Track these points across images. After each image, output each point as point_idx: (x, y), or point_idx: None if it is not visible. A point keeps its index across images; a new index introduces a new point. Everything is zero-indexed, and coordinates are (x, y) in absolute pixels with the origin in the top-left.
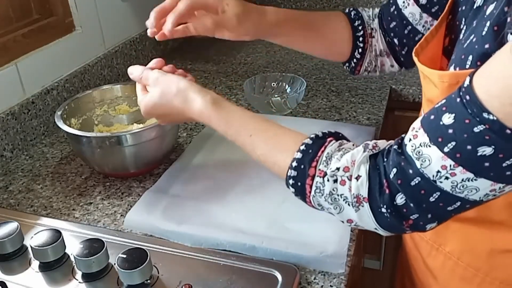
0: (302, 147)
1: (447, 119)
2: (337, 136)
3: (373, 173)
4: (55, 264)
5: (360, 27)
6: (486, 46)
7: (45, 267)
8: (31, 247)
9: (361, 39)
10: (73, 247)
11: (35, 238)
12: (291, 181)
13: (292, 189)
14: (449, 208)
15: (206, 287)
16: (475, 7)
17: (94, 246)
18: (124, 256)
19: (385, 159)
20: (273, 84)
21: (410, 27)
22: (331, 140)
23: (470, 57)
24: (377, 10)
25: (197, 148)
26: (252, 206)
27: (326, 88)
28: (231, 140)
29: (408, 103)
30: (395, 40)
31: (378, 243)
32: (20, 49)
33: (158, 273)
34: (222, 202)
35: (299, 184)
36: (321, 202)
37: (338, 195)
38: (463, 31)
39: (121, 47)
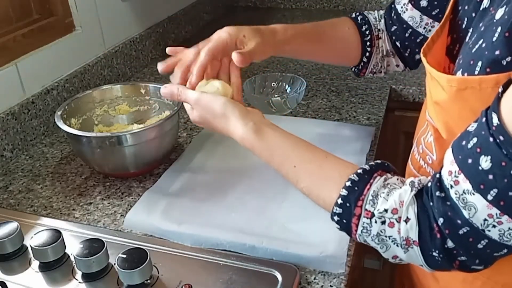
0: (348, 183)
1: (485, 162)
2: (383, 167)
3: (422, 217)
4: (55, 264)
5: (367, 32)
6: (497, 52)
7: (45, 267)
8: (31, 247)
9: (368, 43)
10: (73, 247)
11: (35, 238)
12: (336, 218)
13: (337, 225)
14: (496, 254)
15: (206, 287)
16: (481, 8)
17: (94, 246)
18: (124, 256)
19: (431, 203)
20: (273, 84)
21: (410, 30)
22: (376, 176)
23: (480, 63)
24: (382, 11)
25: (197, 148)
26: (252, 206)
27: (326, 88)
28: (274, 169)
29: (408, 103)
30: (397, 43)
31: None
32: (20, 49)
33: (158, 273)
34: (222, 202)
35: (344, 221)
36: (367, 241)
37: (386, 236)
38: (469, 33)
39: (121, 47)
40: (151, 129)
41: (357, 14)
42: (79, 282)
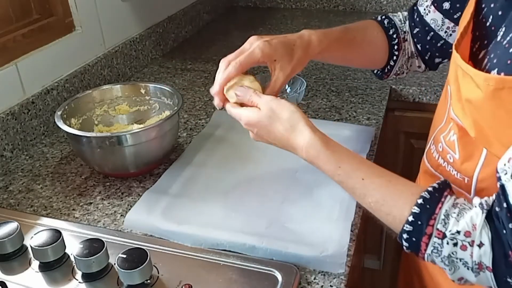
0: (420, 201)
1: None
2: (449, 186)
3: (496, 244)
4: (55, 264)
5: (394, 35)
6: None
7: (45, 267)
8: (31, 247)
9: (396, 47)
10: (73, 247)
11: (35, 238)
12: (405, 235)
13: (405, 244)
14: None
15: (206, 287)
16: None
17: (94, 246)
18: (124, 256)
19: (505, 231)
20: None
21: (432, 33)
22: (446, 196)
23: None
24: (405, 13)
25: (197, 148)
26: (252, 206)
27: (326, 88)
28: (338, 181)
29: (408, 103)
30: (418, 46)
31: (378, 243)
32: (20, 49)
33: (158, 273)
34: (222, 202)
35: (413, 239)
36: (436, 261)
37: (457, 258)
38: (501, 32)
39: (121, 47)
40: (151, 129)
41: (383, 17)
42: (79, 282)
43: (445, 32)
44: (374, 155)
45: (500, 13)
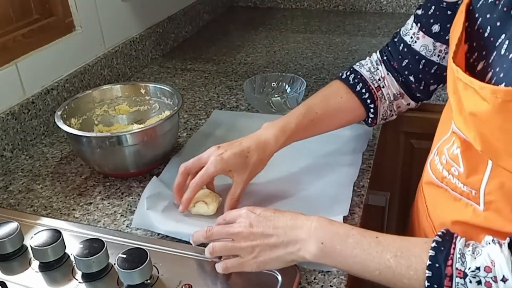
0: (434, 244)
1: None
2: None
3: None
4: (55, 264)
5: (363, 90)
6: None
7: (45, 267)
8: (31, 247)
9: (369, 100)
10: (73, 247)
11: (35, 238)
12: (426, 283)
13: None
14: None
15: (206, 287)
16: None
17: (94, 246)
18: (124, 256)
19: None
20: (273, 84)
21: (424, 60)
22: (457, 236)
23: None
24: (375, 56)
25: (197, 147)
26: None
27: None
28: (351, 247)
29: None
30: (411, 78)
31: None
32: (20, 49)
33: (158, 273)
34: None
35: (435, 286)
36: None
37: None
38: (504, 45)
39: (121, 47)
40: (151, 129)
41: (348, 73)
42: (79, 282)
43: (438, 56)
44: (374, 155)
45: (498, 23)
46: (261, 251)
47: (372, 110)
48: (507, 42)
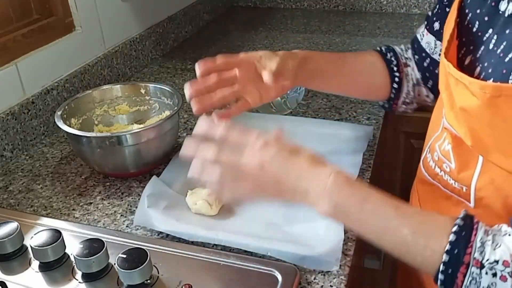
0: (455, 229)
1: None
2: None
3: None
4: (55, 264)
5: (393, 58)
6: None
7: (45, 267)
8: (31, 247)
9: (395, 68)
10: (73, 247)
11: (35, 238)
12: (442, 267)
13: (441, 277)
14: None
15: (206, 287)
16: (506, 15)
17: (94, 246)
18: (124, 256)
19: None
20: None
21: (429, 59)
22: (478, 222)
23: None
24: (408, 45)
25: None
26: (250, 208)
27: None
28: (368, 213)
29: None
30: (422, 75)
31: None
32: (20, 49)
33: (158, 273)
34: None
35: (449, 271)
36: None
37: None
38: (492, 40)
39: (121, 47)
40: (151, 129)
41: (381, 46)
42: (79, 282)
43: (439, 55)
44: (374, 155)
45: (486, 18)
46: (265, 193)
47: (397, 80)
48: (495, 37)
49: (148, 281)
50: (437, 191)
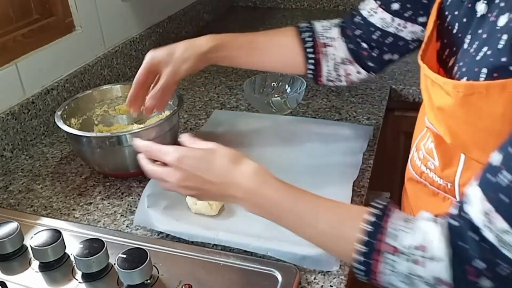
0: (367, 217)
1: None
2: (392, 203)
3: (456, 259)
4: (55, 264)
5: (310, 38)
6: (503, 59)
7: (45, 267)
8: (31, 247)
9: (311, 49)
10: (73, 247)
11: (35, 238)
12: (356, 256)
13: (357, 266)
14: None
15: (206, 287)
16: (478, 15)
17: (94, 246)
18: (124, 256)
19: (466, 245)
20: (273, 84)
21: (379, 32)
22: (391, 209)
23: (485, 70)
24: (336, 20)
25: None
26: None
27: (326, 88)
28: (287, 208)
29: (408, 103)
30: (363, 45)
31: None
32: (20, 49)
33: (158, 273)
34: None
35: (363, 259)
36: (392, 281)
37: (416, 276)
38: (467, 40)
39: (121, 47)
40: (151, 129)
41: (303, 23)
42: (79, 282)
43: (396, 28)
44: (374, 155)
45: (464, 20)
46: (207, 198)
47: (312, 61)
48: (469, 37)
49: (148, 281)
50: (425, 189)
